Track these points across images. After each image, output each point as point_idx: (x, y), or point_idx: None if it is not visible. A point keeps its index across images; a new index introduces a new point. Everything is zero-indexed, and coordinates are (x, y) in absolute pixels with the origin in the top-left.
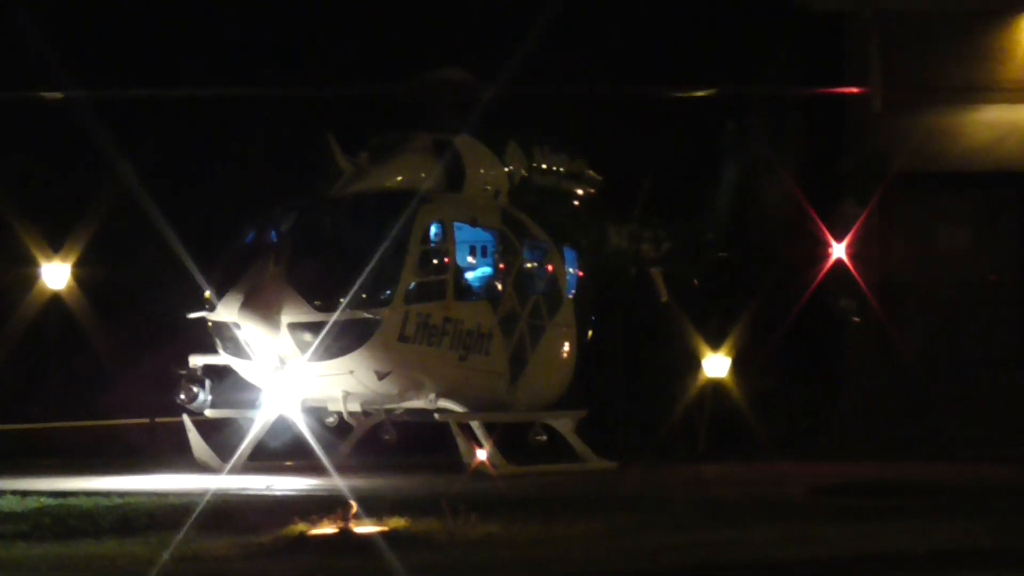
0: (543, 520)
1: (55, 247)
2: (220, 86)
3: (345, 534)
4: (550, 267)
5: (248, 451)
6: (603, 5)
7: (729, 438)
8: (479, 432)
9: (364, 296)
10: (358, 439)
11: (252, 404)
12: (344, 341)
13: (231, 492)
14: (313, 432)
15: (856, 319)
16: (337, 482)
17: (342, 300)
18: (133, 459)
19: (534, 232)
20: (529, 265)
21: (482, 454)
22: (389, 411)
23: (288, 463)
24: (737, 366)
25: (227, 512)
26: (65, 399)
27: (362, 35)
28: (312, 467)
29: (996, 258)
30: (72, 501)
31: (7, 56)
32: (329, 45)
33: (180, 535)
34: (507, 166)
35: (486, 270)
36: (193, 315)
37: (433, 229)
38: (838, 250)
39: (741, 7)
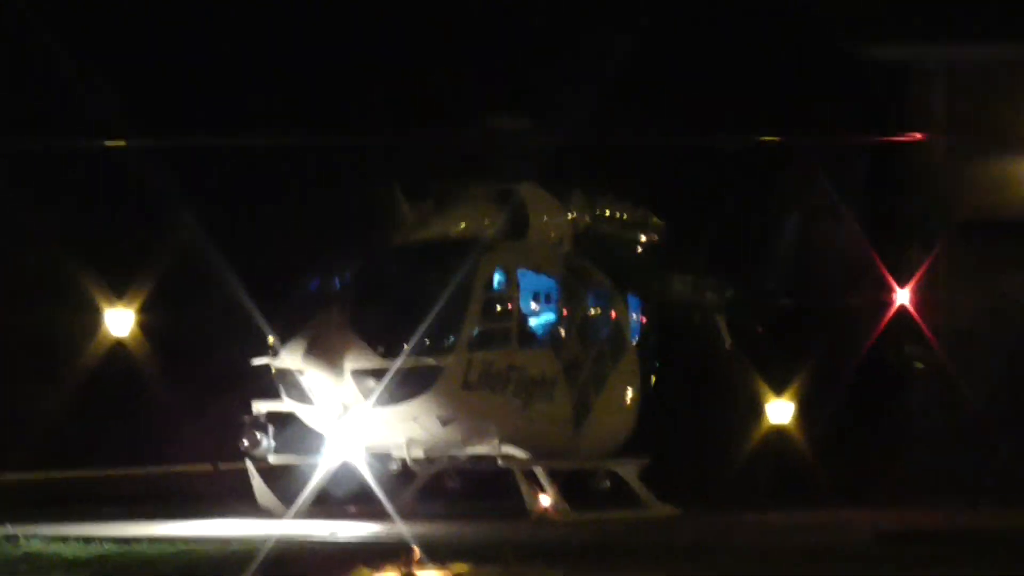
0: (606, 567)
1: (119, 293)
2: (287, 133)
3: None
4: (613, 314)
5: (311, 497)
6: (670, 53)
7: (793, 484)
8: (543, 478)
9: (428, 343)
10: (422, 485)
11: (315, 450)
12: (407, 388)
13: (295, 538)
14: (377, 478)
15: (920, 365)
16: (400, 528)
17: (406, 347)
18: (197, 505)
19: (597, 279)
20: (592, 312)
21: (545, 500)
22: (452, 458)
23: (352, 509)
24: (801, 412)
25: (290, 558)
26: (129, 445)
27: (429, 83)
28: (375, 513)
29: None
30: (136, 548)
31: (74, 103)
32: (397, 93)
33: None
34: (571, 213)
35: (550, 317)
36: (257, 361)
37: (497, 276)
38: (902, 296)
39: (809, 55)
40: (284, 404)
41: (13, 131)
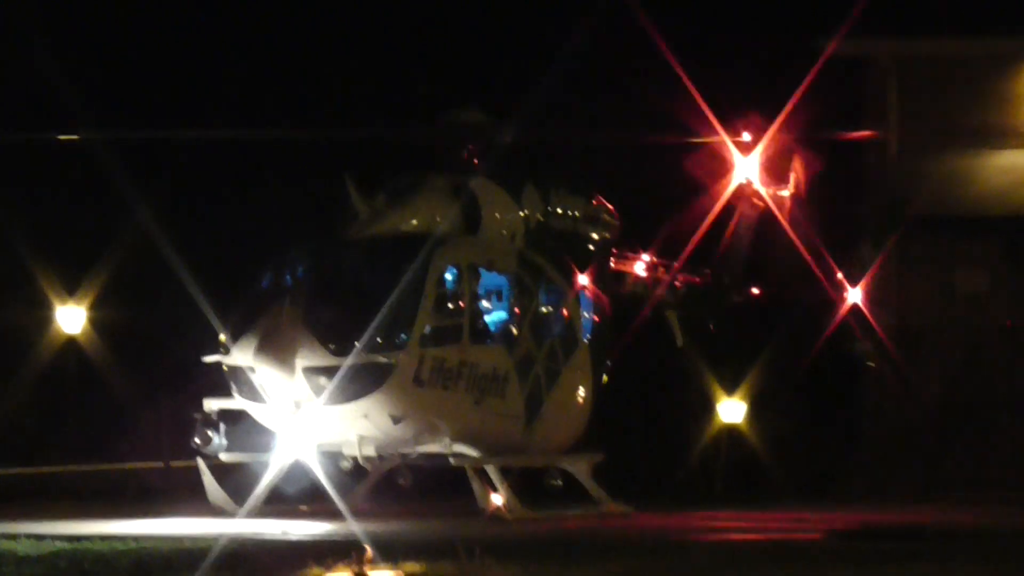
0: (559, 564)
1: (70, 290)
2: (237, 127)
3: None
4: (566, 311)
5: (263, 495)
6: (622, 46)
7: (745, 482)
8: (494, 476)
9: (379, 340)
10: (373, 483)
11: (267, 448)
12: (359, 385)
13: (246, 536)
14: (328, 476)
15: (871, 363)
16: (352, 526)
17: (357, 344)
18: (148, 502)
19: (550, 275)
20: (545, 309)
21: (497, 498)
22: (404, 455)
23: (303, 507)
24: (753, 410)
25: (242, 556)
26: (81, 442)
27: (380, 76)
28: (327, 511)
29: (1013, 302)
30: (87, 545)
31: (25, 97)
32: (347, 86)
33: None
34: (524, 209)
35: (502, 314)
36: (208, 359)
37: (449, 272)
38: (854, 294)
39: (761, 51)
40: (235, 402)
41: None
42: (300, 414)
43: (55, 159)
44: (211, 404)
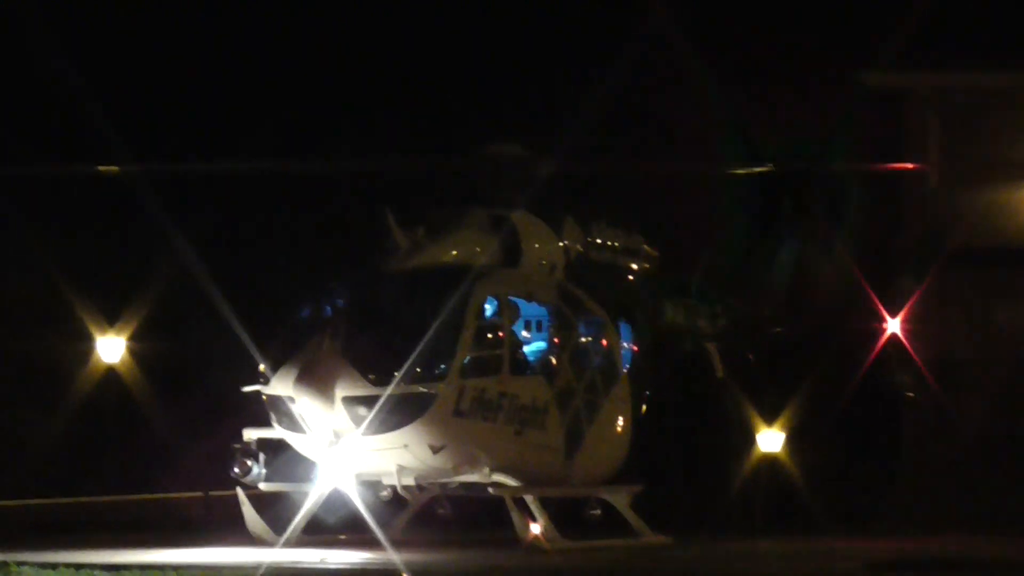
0: None
1: (110, 321)
2: (279, 160)
3: None
4: (605, 342)
5: (302, 524)
6: (661, 80)
7: (785, 514)
8: (534, 506)
9: (419, 370)
10: (413, 513)
11: (306, 478)
12: (399, 415)
13: (285, 566)
14: (367, 506)
15: (911, 395)
16: (391, 556)
17: (397, 374)
18: (187, 533)
19: (589, 307)
20: (584, 340)
21: (536, 528)
22: (443, 485)
23: (342, 537)
24: (792, 441)
25: None
26: (120, 473)
27: (420, 110)
28: (366, 541)
29: None
30: (126, 574)
31: (64, 130)
32: (388, 120)
33: None
34: (563, 241)
35: (541, 345)
36: (248, 389)
37: (489, 304)
38: (894, 325)
39: (803, 81)
40: (275, 431)
41: (5, 155)
42: (339, 444)
43: (95, 190)
44: (250, 434)
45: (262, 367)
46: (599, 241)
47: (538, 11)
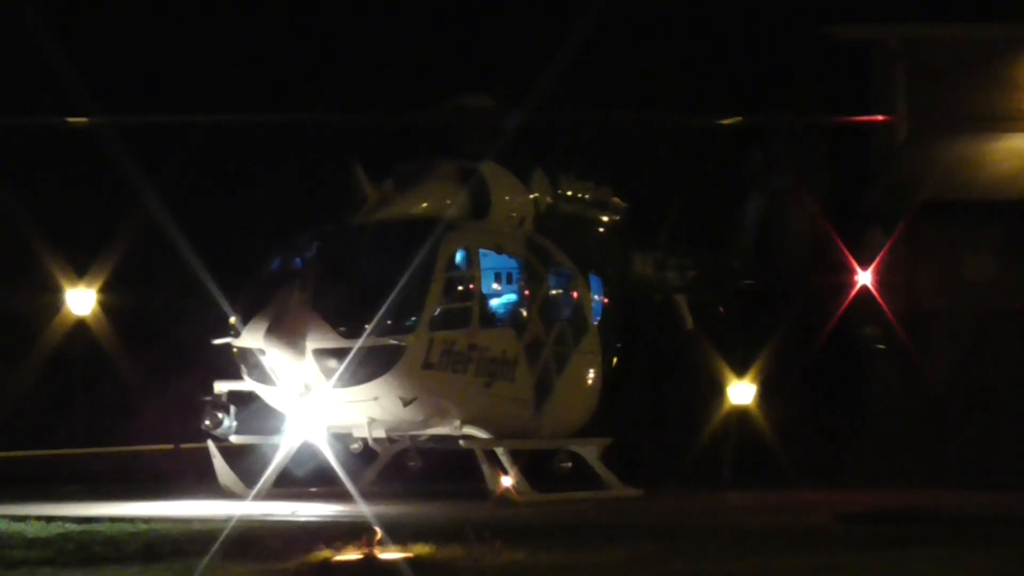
0: (568, 547)
1: (80, 273)
2: (245, 112)
3: (369, 561)
4: (575, 294)
5: (273, 477)
6: (630, 30)
7: (754, 466)
8: (504, 459)
9: (389, 323)
10: (383, 465)
11: (277, 430)
12: (369, 367)
13: (256, 518)
14: (338, 458)
15: (881, 347)
16: (362, 508)
17: (367, 326)
18: (158, 485)
19: (559, 259)
20: (554, 292)
21: (507, 481)
22: (414, 438)
23: (313, 489)
24: (762, 393)
25: (252, 538)
26: (90, 425)
27: (387, 61)
28: (337, 493)
29: (1021, 286)
30: (96, 527)
31: (32, 81)
32: (355, 71)
33: (204, 561)
34: (532, 193)
35: (511, 297)
36: (218, 341)
37: (458, 256)
38: (863, 278)
39: (768, 35)
40: (246, 384)
41: None
42: (310, 396)
43: (64, 143)
44: (221, 386)
45: (232, 319)
46: (568, 193)
47: None
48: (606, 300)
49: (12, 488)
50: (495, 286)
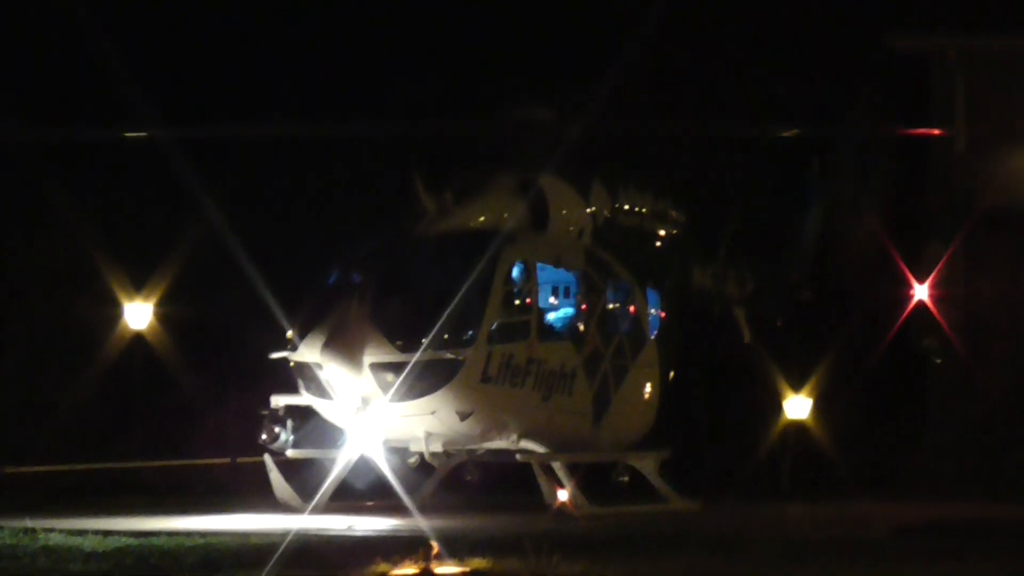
0: (626, 561)
1: (137, 286)
2: (306, 123)
3: (427, 574)
4: (633, 307)
5: (330, 491)
6: (693, 43)
7: (812, 478)
8: (561, 472)
9: (447, 336)
10: (440, 479)
11: (334, 444)
12: (426, 381)
13: (313, 532)
14: (395, 472)
15: (939, 360)
16: (419, 522)
17: (424, 340)
18: (216, 498)
19: (617, 272)
20: (612, 305)
21: (564, 494)
22: (471, 451)
23: (370, 503)
24: (820, 406)
25: (309, 552)
26: (148, 438)
27: (449, 73)
28: (394, 507)
29: None
30: (154, 541)
31: (93, 95)
32: (416, 83)
33: (262, 575)
34: (591, 206)
35: (569, 310)
36: (276, 355)
37: (516, 269)
38: (921, 291)
39: (830, 47)
40: (303, 398)
41: (33, 122)
42: (367, 410)
43: (124, 155)
44: (278, 400)
45: (290, 333)
46: (627, 206)
47: None
48: (664, 313)
49: (71, 501)
50: (553, 299)
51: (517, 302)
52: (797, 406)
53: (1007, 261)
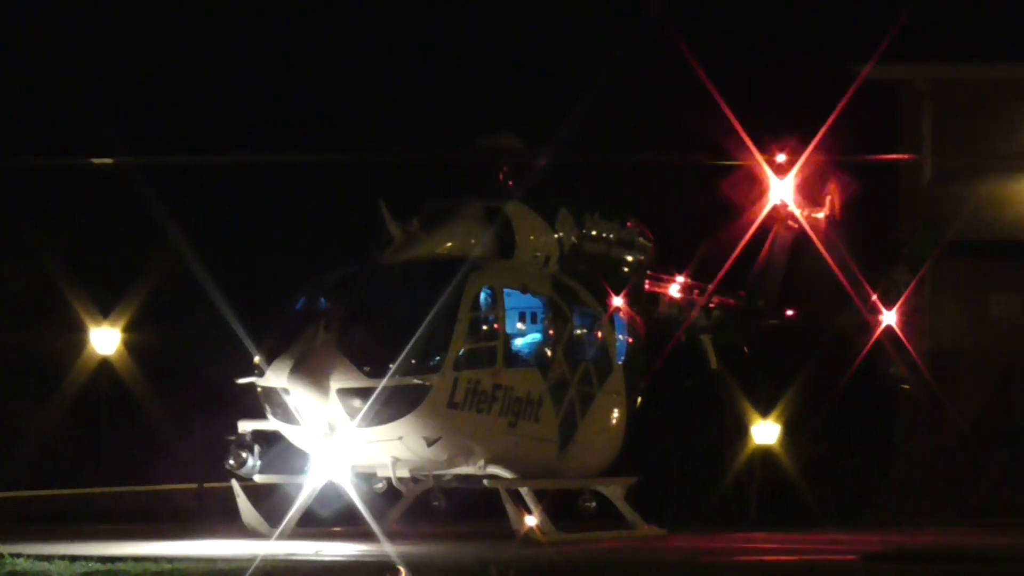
0: None
1: (104, 312)
2: (272, 151)
3: None
4: (600, 334)
5: (297, 517)
6: (659, 70)
7: (779, 505)
8: (528, 499)
9: (414, 362)
10: (407, 505)
11: (301, 470)
12: (393, 407)
13: (280, 558)
14: (362, 498)
15: (906, 386)
16: (386, 548)
17: (391, 366)
18: (182, 524)
19: (584, 299)
20: (579, 332)
21: (531, 521)
22: (438, 477)
23: (337, 529)
24: (787, 433)
25: None
26: (115, 464)
27: (413, 102)
28: (361, 533)
29: None
30: (121, 566)
31: (59, 123)
32: (381, 112)
33: None
34: (557, 232)
35: (536, 337)
36: (242, 380)
37: (483, 296)
38: (888, 317)
39: (796, 75)
40: (270, 423)
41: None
42: (334, 436)
43: (89, 183)
44: (245, 426)
45: (257, 359)
46: (593, 232)
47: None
48: (631, 340)
49: (38, 527)
50: (520, 326)
51: (484, 328)
52: (764, 432)
53: (973, 288)
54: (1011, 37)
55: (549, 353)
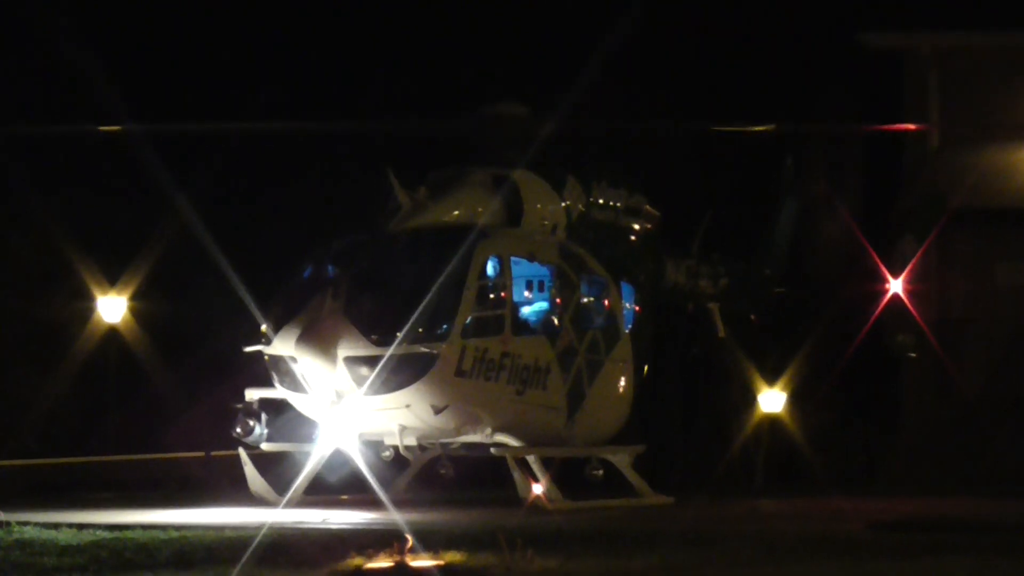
0: (600, 555)
1: (111, 280)
2: (280, 119)
3: (401, 568)
4: (607, 302)
5: (304, 485)
6: (665, 40)
7: (786, 474)
8: (536, 467)
9: (421, 330)
10: (414, 473)
11: (308, 438)
12: (401, 375)
13: (287, 525)
14: (369, 466)
15: (913, 355)
16: (393, 516)
17: (399, 334)
18: (190, 492)
19: (591, 267)
20: (586, 300)
21: (538, 488)
22: (445, 445)
23: (344, 497)
24: (794, 402)
25: (283, 546)
26: (122, 432)
27: (422, 70)
28: (368, 501)
29: None
30: (129, 534)
31: (67, 90)
32: (390, 80)
33: (236, 569)
34: (565, 201)
35: (543, 305)
36: (249, 349)
37: (491, 264)
38: (895, 286)
39: (802, 44)
40: (277, 392)
41: (7, 117)
42: (341, 404)
43: (97, 151)
44: (252, 394)
45: (264, 327)
46: (601, 201)
47: None
48: (638, 308)
49: (45, 496)
50: (527, 294)
51: (491, 296)
52: (771, 400)
53: (980, 256)
54: (1018, 5)
55: (556, 321)
